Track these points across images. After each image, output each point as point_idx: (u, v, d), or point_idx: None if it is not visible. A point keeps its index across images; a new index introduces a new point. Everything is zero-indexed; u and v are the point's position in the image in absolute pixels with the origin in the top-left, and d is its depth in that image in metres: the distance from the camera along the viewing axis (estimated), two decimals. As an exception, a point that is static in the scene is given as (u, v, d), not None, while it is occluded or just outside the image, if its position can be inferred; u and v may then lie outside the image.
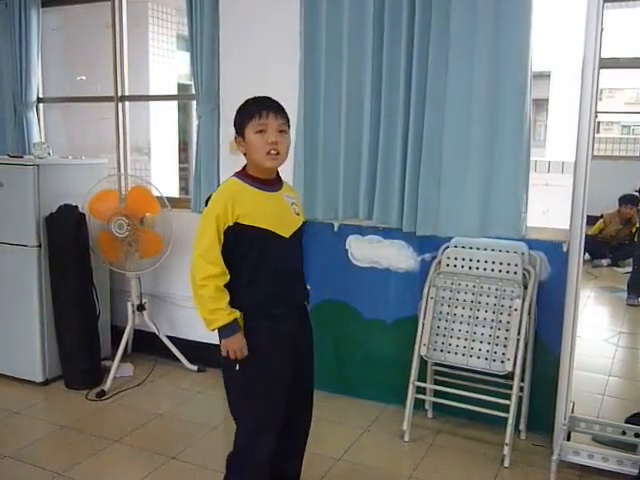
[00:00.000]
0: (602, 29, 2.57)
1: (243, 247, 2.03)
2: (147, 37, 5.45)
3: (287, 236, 2.09)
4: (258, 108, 2.03)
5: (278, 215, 2.09)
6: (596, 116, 2.75)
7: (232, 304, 2.03)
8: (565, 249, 2.92)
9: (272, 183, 2.12)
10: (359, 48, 3.20)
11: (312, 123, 3.34)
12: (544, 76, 9.69)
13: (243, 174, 2.10)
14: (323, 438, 3.04)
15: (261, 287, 2.07)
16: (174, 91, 5.97)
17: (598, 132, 10.36)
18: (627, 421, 2.92)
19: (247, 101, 2.13)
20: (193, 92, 3.80)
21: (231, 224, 2.00)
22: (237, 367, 2.06)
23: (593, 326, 4.75)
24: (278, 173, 2.16)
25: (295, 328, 2.17)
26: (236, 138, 2.11)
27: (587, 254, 6.47)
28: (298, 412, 2.26)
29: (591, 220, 6.66)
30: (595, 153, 2.54)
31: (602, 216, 6.43)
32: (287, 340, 2.12)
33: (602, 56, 2.62)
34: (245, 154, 2.09)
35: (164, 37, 5.66)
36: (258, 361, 2.06)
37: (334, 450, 2.99)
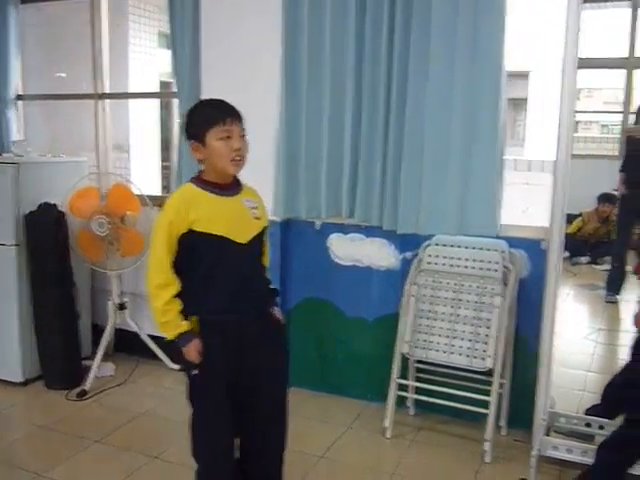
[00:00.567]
0: (580, 29, 2.59)
1: (198, 254, 2.01)
2: (128, 34, 5.42)
3: (244, 242, 2.06)
4: (221, 114, 1.99)
5: (234, 220, 2.05)
6: (574, 115, 2.78)
7: (188, 311, 2.03)
8: (545, 247, 2.95)
9: (229, 188, 2.08)
10: (341, 47, 3.20)
11: (294, 122, 3.34)
12: (523, 76, 9.79)
13: (199, 180, 2.07)
14: (305, 436, 3.05)
15: (217, 294, 2.04)
16: (156, 89, 5.93)
17: (577, 131, 10.51)
18: (586, 413, 3.00)
19: (202, 105, 2.11)
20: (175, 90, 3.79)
21: (185, 231, 1.98)
22: (194, 371, 2.06)
23: (573, 323, 4.83)
24: (236, 176, 2.11)
25: (252, 335, 2.10)
26: (192, 144, 2.04)
27: (567, 252, 6.57)
28: (267, 419, 2.21)
29: (570, 218, 6.77)
30: (574, 152, 2.57)
31: (581, 214, 6.54)
32: (243, 348, 2.08)
33: (581, 56, 2.65)
34: (202, 160, 2.04)
35: (145, 34, 5.63)
36: (207, 370, 2.04)
37: (317, 448, 3.00)
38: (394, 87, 3.11)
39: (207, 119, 2.01)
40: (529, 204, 5.39)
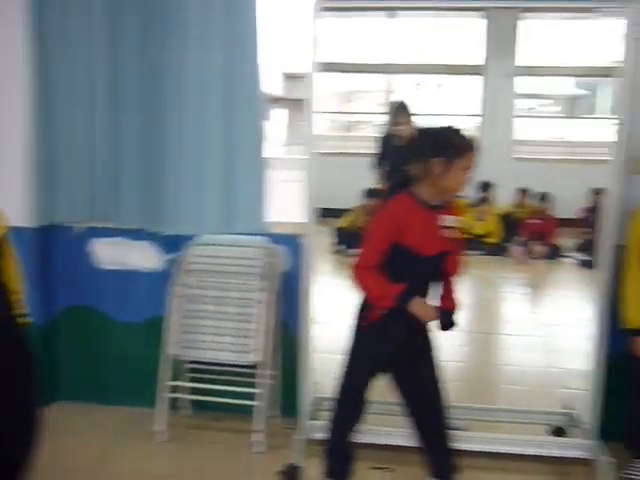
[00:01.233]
0: (317, 35, 2.76)
1: None
2: None
3: None
4: None
5: None
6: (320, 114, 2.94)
7: None
8: (303, 241, 3.10)
9: None
10: (93, 46, 3.11)
11: (46, 125, 3.18)
12: (301, 78, 10.24)
13: None
14: (75, 451, 2.94)
15: None
16: None
17: (351, 131, 11.16)
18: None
19: None
20: None
21: None
22: None
23: (345, 311, 5.12)
24: None
25: None
26: None
27: (343, 245, 6.98)
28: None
29: (344, 213, 7.20)
30: (349, 150, 2.74)
31: (353, 209, 6.99)
32: None
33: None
34: None
35: None
36: None
37: (87, 461, 2.90)
38: (151, 88, 3.10)
39: None
40: (300, 200, 5.60)
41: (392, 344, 2.36)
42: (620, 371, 2.78)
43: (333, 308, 5.09)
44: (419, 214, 2.26)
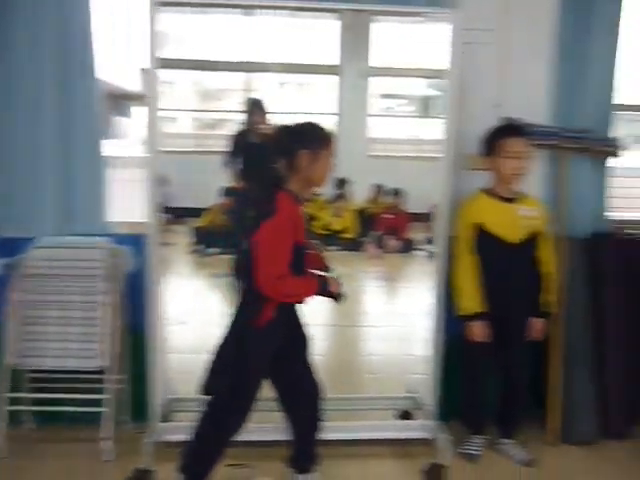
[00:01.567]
0: (156, 30, 2.71)
1: None
2: None
3: None
4: None
5: None
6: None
7: None
8: (147, 240, 3.03)
9: None
10: None
11: None
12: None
13: None
14: None
15: None
16: None
17: (215, 129, 11.10)
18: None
19: None
20: None
21: None
22: None
23: (204, 310, 5.11)
24: None
25: None
26: None
27: (202, 244, 6.93)
28: None
29: (201, 212, 7.15)
30: (209, 149, 2.70)
31: (210, 208, 6.95)
32: None
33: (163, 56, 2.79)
34: None
35: None
36: None
37: None
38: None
39: None
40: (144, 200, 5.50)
41: (281, 339, 2.40)
42: (457, 355, 2.99)
43: (190, 308, 5.06)
44: (298, 209, 2.34)
